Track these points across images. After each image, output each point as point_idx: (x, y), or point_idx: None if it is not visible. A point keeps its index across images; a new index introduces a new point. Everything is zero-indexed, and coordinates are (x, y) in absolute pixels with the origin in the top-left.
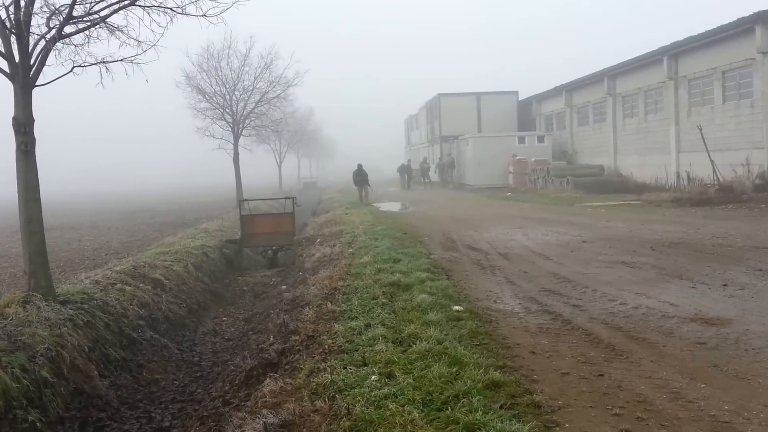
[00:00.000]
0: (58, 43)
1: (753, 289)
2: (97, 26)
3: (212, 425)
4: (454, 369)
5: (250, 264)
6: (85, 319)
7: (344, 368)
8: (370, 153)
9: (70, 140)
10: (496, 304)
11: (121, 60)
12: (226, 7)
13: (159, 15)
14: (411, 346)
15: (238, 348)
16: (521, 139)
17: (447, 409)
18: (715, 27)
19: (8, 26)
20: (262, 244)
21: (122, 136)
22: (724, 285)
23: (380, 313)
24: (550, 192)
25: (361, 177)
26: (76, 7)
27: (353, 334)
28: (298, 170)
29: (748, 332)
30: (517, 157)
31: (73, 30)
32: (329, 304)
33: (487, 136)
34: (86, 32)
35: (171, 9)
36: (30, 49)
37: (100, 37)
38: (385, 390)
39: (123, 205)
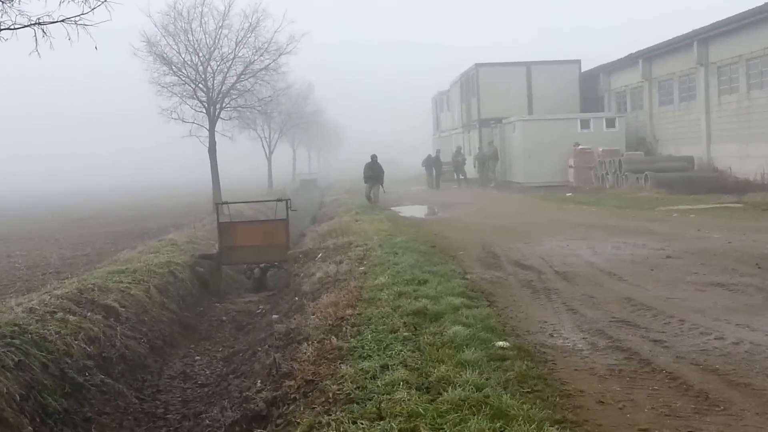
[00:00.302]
0: None
1: None
2: None
3: None
4: (498, 424)
5: (231, 286)
6: (16, 359)
7: (353, 423)
8: (387, 141)
9: None
10: (552, 339)
11: (63, 20)
12: None
13: None
14: (441, 394)
15: (216, 396)
16: (585, 123)
17: None
18: None
19: None
20: (247, 260)
21: (66, 119)
22: None
23: (401, 350)
24: (623, 192)
25: (374, 172)
26: None
27: (365, 378)
28: (293, 163)
29: None
30: (580, 147)
31: None
32: (334, 339)
33: (540, 119)
34: None
35: None
36: None
37: None
38: None
39: (67, 210)
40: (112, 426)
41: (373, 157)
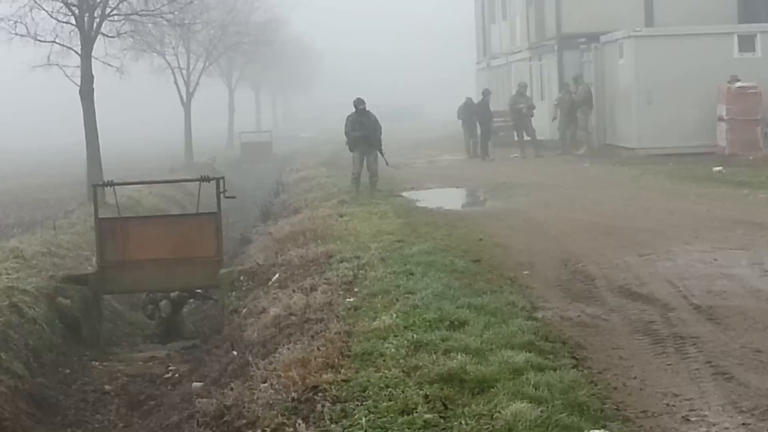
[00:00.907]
0: None
1: None
2: None
3: None
4: None
5: (121, 330)
6: None
7: None
8: (394, 74)
9: None
10: (689, 427)
11: None
12: None
13: None
14: None
15: None
16: (747, 42)
17: None
18: None
19: None
20: (147, 285)
21: None
22: None
23: None
24: None
25: (364, 132)
26: None
27: None
28: (256, 116)
29: None
30: (739, 84)
31: None
32: (302, 427)
33: (667, 34)
34: None
35: None
36: None
37: None
38: None
39: None
40: None
41: (359, 106)
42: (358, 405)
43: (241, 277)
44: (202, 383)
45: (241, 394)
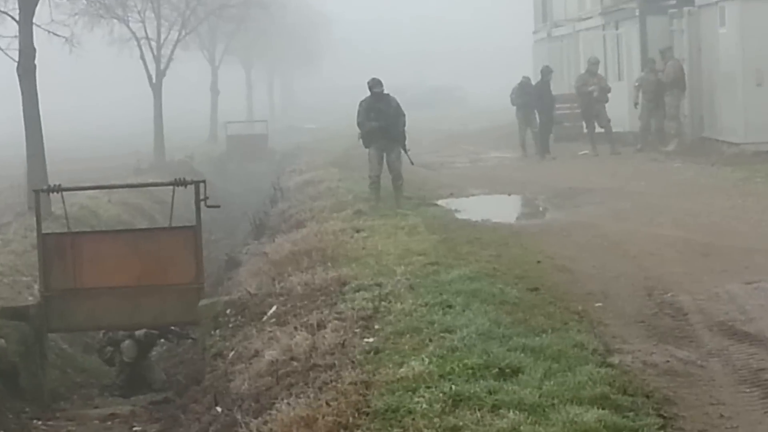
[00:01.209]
0: None
1: None
2: None
3: None
4: None
5: (70, 380)
6: None
7: None
8: (428, 48)
9: None
10: None
11: None
12: None
13: None
14: None
15: None
16: None
17: None
18: None
19: None
20: (104, 321)
21: None
22: None
23: None
24: None
25: (382, 122)
26: None
27: None
28: (248, 100)
29: None
30: None
31: None
32: None
33: None
34: None
35: None
36: None
37: None
38: None
39: None
40: None
41: (375, 88)
42: None
43: (228, 311)
44: None
45: None
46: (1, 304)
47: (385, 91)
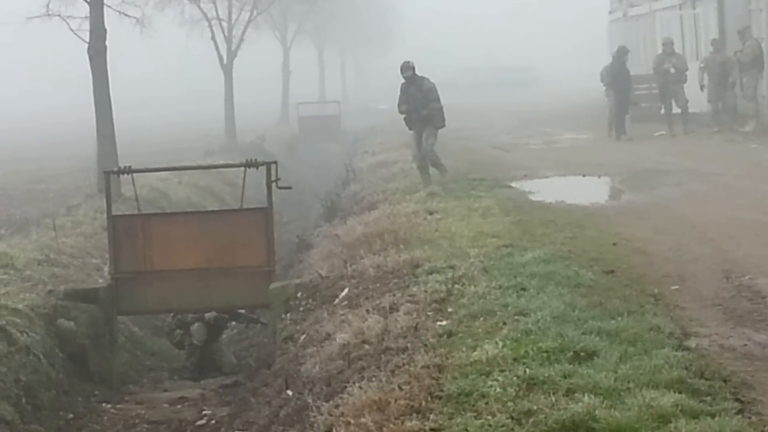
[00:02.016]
0: None
1: None
2: None
3: None
4: None
5: (140, 363)
6: None
7: None
8: (499, 29)
9: None
10: None
11: None
12: None
13: None
14: None
15: None
16: None
17: None
18: None
19: None
20: (174, 304)
21: None
22: None
23: None
24: None
25: (418, 104)
26: None
27: None
28: (320, 82)
29: None
30: None
31: None
32: None
33: None
34: None
35: None
36: None
37: None
38: None
39: None
40: None
41: (406, 73)
42: None
43: (299, 294)
44: None
45: None
46: (71, 286)
47: (416, 74)
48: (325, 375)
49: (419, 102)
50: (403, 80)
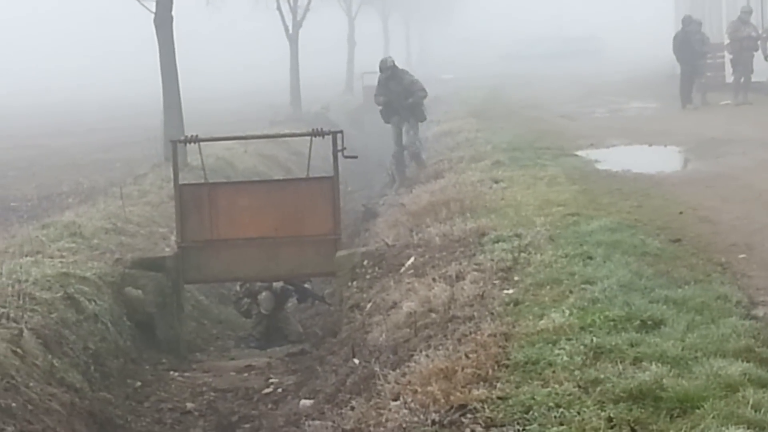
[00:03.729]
0: None
1: None
2: None
3: None
4: None
5: (206, 331)
6: None
7: None
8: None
9: None
10: None
11: None
12: None
13: None
14: None
15: None
16: None
17: None
18: None
19: None
20: (241, 273)
21: None
22: None
23: None
24: None
25: (393, 97)
26: None
27: None
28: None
29: None
30: None
31: None
32: None
33: None
34: None
35: None
36: None
37: None
38: None
39: None
40: None
41: (387, 70)
42: (519, 430)
43: (365, 262)
44: (312, 400)
45: (364, 415)
46: (138, 255)
47: (397, 66)
48: (392, 343)
49: (400, 95)
50: (378, 74)
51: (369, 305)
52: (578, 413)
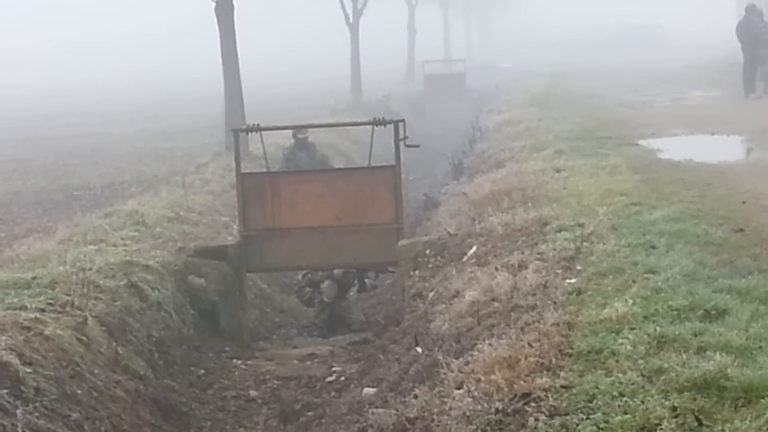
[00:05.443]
0: None
1: None
2: None
3: None
4: None
5: (269, 320)
6: None
7: None
8: None
9: None
10: None
11: None
12: None
13: None
14: None
15: None
16: None
17: None
18: None
19: None
20: (303, 261)
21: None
22: None
23: None
24: None
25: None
26: None
27: None
28: (444, 44)
29: None
30: None
31: None
32: None
33: None
34: None
35: None
36: None
37: None
38: None
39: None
40: None
41: (299, 135)
42: (583, 419)
43: (427, 251)
44: (375, 389)
45: (428, 403)
46: (200, 243)
47: (309, 140)
48: (455, 332)
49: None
50: (290, 144)
51: (431, 294)
52: (642, 402)
